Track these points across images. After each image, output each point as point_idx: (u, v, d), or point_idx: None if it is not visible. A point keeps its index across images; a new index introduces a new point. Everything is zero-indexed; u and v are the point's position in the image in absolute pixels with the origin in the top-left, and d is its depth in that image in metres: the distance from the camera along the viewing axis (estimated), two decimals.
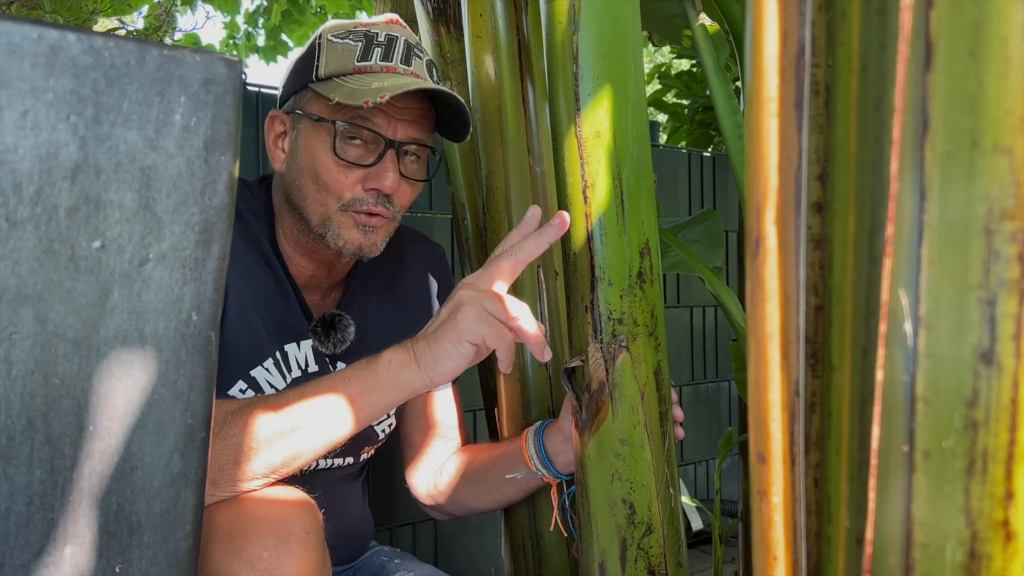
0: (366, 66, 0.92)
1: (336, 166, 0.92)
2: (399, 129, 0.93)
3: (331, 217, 0.93)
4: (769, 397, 0.38)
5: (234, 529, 0.71)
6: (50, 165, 0.48)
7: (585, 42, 0.79)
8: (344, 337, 0.99)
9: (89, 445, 0.51)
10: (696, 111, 2.83)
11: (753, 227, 0.38)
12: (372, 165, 0.92)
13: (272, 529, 0.71)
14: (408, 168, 0.96)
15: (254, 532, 0.70)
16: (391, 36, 0.95)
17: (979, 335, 0.31)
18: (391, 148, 0.92)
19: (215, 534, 0.71)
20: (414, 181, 0.97)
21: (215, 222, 0.54)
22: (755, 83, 0.37)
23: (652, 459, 0.83)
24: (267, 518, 0.72)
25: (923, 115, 0.31)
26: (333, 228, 0.93)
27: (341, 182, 0.92)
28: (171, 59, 0.52)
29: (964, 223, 0.30)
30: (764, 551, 0.40)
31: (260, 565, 0.69)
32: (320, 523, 0.76)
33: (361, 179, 0.93)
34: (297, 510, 0.74)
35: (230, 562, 0.69)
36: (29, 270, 0.48)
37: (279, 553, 0.70)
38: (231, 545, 0.70)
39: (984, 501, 0.31)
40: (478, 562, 1.88)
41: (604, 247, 0.81)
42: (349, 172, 0.92)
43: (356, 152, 0.93)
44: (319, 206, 0.93)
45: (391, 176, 0.92)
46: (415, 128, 0.94)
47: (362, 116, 0.91)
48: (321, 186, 0.93)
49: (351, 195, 0.93)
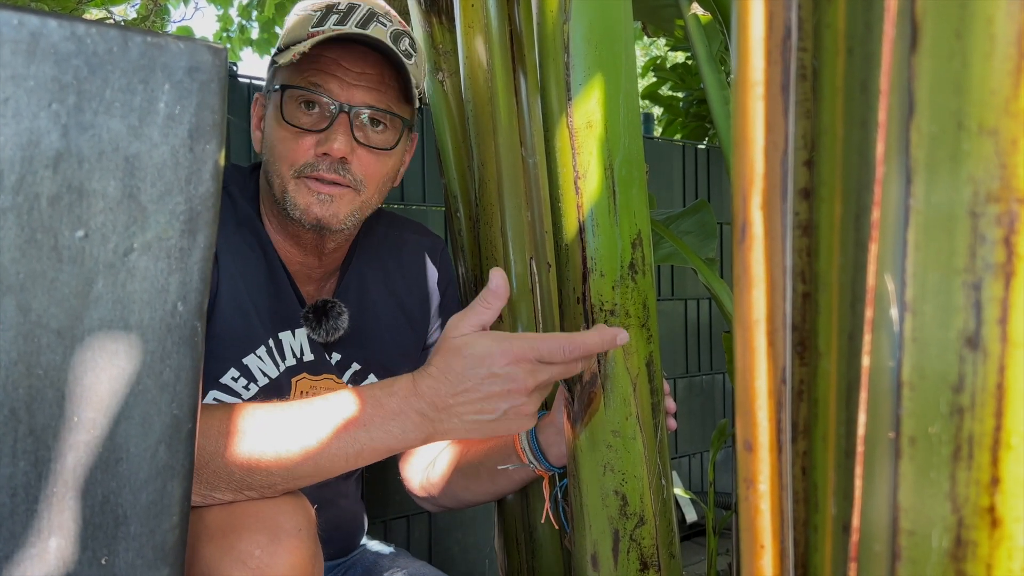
0: (318, 31, 0.91)
1: (288, 133, 0.91)
2: (354, 94, 0.91)
3: (287, 186, 0.92)
4: (756, 385, 0.38)
5: (225, 526, 0.70)
6: (32, 153, 0.47)
7: (576, 32, 0.79)
8: (337, 325, 0.98)
9: (74, 436, 0.50)
10: (691, 104, 2.82)
11: (739, 213, 0.37)
12: (323, 130, 0.91)
13: (264, 526, 0.70)
14: (369, 136, 0.93)
15: (246, 529, 0.70)
16: (352, 4, 0.94)
17: (965, 320, 0.30)
18: (344, 112, 0.91)
19: (205, 531, 0.70)
20: (376, 149, 0.94)
21: (201, 211, 0.54)
22: (741, 67, 0.37)
23: (644, 450, 0.82)
24: (258, 515, 0.72)
25: (909, 97, 0.30)
26: (290, 197, 0.92)
27: (293, 148, 0.91)
28: (155, 46, 0.51)
29: (950, 206, 0.30)
30: (751, 539, 0.39)
31: (252, 563, 0.68)
32: (312, 519, 0.76)
33: (313, 145, 0.91)
34: (289, 506, 0.73)
35: (221, 560, 0.68)
36: (11, 260, 0.47)
37: (271, 550, 0.69)
38: (222, 542, 0.69)
39: (970, 487, 0.31)
40: (472, 554, 1.89)
41: (596, 238, 0.80)
42: (301, 138, 0.91)
43: (309, 119, 0.92)
44: (277, 177, 0.93)
45: (340, 139, 0.90)
46: (373, 95, 0.93)
47: (313, 82, 0.91)
48: (277, 156, 0.92)
49: (303, 160, 0.91)
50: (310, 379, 0.99)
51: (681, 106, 2.89)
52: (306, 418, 0.74)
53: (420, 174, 1.81)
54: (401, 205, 1.79)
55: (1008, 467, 0.30)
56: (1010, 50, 0.29)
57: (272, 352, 0.95)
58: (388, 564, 1.09)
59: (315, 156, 0.91)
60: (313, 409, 0.74)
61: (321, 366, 1.00)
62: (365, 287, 1.05)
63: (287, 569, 0.69)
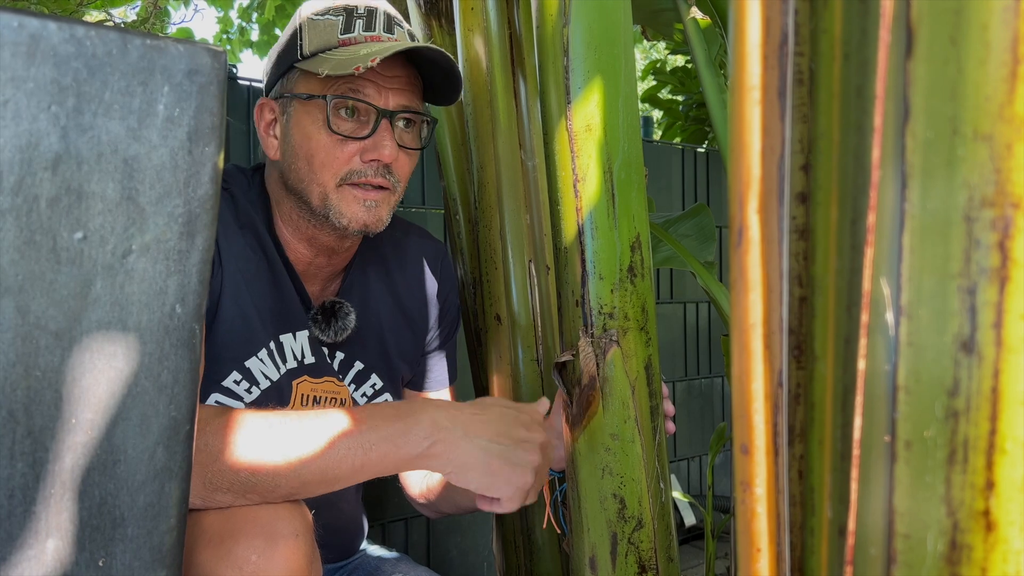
0: (350, 37, 0.92)
1: (331, 141, 0.91)
2: (390, 98, 0.93)
3: (330, 195, 0.92)
4: (752, 388, 0.38)
5: (222, 531, 0.70)
6: (31, 155, 0.47)
7: (576, 35, 0.79)
8: (345, 325, 0.98)
9: (71, 438, 0.50)
10: (691, 107, 2.82)
11: (736, 217, 0.37)
12: (367, 137, 0.91)
13: (260, 531, 0.70)
14: (403, 137, 0.95)
15: (242, 534, 0.70)
16: (370, 8, 0.95)
17: (960, 324, 0.31)
18: (385, 117, 0.91)
19: (203, 536, 0.70)
20: (410, 150, 0.96)
21: (199, 214, 0.54)
22: (738, 71, 0.37)
23: (643, 453, 0.82)
24: (255, 519, 0.71)
25: (904, 102, 0.30)
26: (334, 206, 0.92)
27: (337, 156, 0.91)
28: (154, 49, 0.51)
29: (945, 211, 0.30)
30: (747, 543, 0.39)
31: (248, 567, 0.68)
32: (310, 524, 0.76)
33: (358, 152, 0.92)
34: (286, 511, 0.73)
35: (218, 564, 0.68)
36: (10, 261, 0.47)
37: (267, 555, 0.69)
38: (219, 547, 0.69)
39: (965, 491, 0.31)
40: (471, 558, 1.88)
41: (595, 241, 0.80)
42: (345, 146, 0.91)
43: (350, 126, 0.92)
44: (317, 186, 0.92)
45: (389, 145, 0.91)
46: (405, 96, 0.94)
47: (352, 88, 0.91)
48: (317, 165, 0.92)
49: (348, 168, 0.92)
50: (311, 381, 0.99)
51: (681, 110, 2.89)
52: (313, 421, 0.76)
53: (419, 177, 1.81)
54: (400, 208, 1.80)
55: (1003, 471, 0.30)
56: (1005, 56, 0.29)
57: (273, 354, 0.95)
58: (390, 569, 1.09)
59: (362, 163, 0.92)
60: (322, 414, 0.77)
61: (323, 369, 1.00)
62: (368, 287, 1.05)
63: (284, 574, 0.69)
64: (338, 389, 1.01)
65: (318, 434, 0.75)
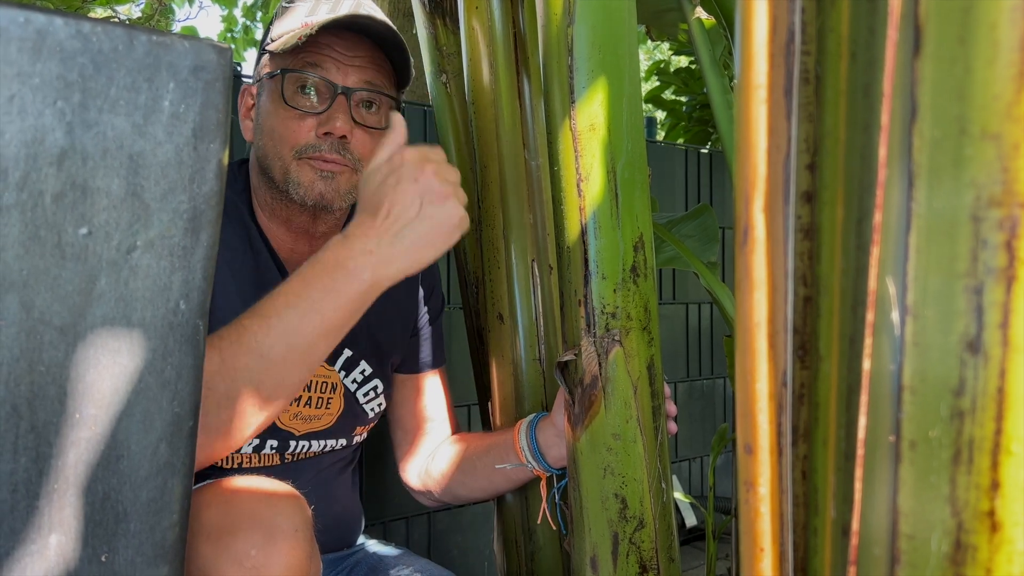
0: (312, 19, 0.94)
1: (288, 115, 0.94)
2: (350, 75, 0.95)
3: (289, 168, 0.94)
4: (756, 388, 0.38)
5: (221, 525, 0.70)
6: (36, 151, 0.47)
7: (580, 35, 0.79)
8: None
9: (75, 433, 0.50)
10: (694, 108, 2.82)
11: (741, 216, 0.37)
12: (323, 112, 0.94)
13: (260, 526, 0.70)
14: (364, 116, 0.97)
15: (242, 529, 0.70)
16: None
17: (966, 324, 0.30)
18: (341, 94, 0.94)
19: (202, 531, 0.70)
20: (372, 129, 0.97)
21: (204, 210, 0.54)
22: (744, 70, 0.37)
23: (644, 453, 0.82)
24: (255, 514, 0.72)
25: (911, 101, 0.30)
26: (293, 178, 0.94)
27: (294, 130, 0.94)
28: (160, 45, 0.51)
29: (952, 211, 0.30)
30: (751, 542, 0.39)
31: (248, 563, 0.68)
32: (309, 518, 0.76)
33: (314, 126, 0.94)
34: (286, 505, 0.74)
35: (218, 559, 0.68)
36: (15, 256, 0.47)
37: (267, 550, 0.69)
38: (218, 542, 0.69)
39: (970, 491, 0.31)
40: (471, 557, 1.88)
41: (598, 241, 0.80)
42: (302, 120, 0.94)
43: (307, 102, 0.94)
44: (277, 160, 0.95)
45: (341, 118, 0.93)
46: (367, 73, 0.96)
47: (310, 64, 0.94)
48: (277, 139, 0.94)
49: (304, 141, 0.94)
50: None
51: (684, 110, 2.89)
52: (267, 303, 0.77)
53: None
54: None
55: (1008, 471, 0.30)
56: (1013, 56, 0.29)
57: None
58: (393, 562, 1.10)
59: (316, 137, 0.94)
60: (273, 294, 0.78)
61: None
62: None
63: (283, 569, 0.69)
64: (328, 373, 1.02)
65: (266, 317, 0.76)
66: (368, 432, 1.13)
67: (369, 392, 1.07)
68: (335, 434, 1.05)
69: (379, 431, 1.27)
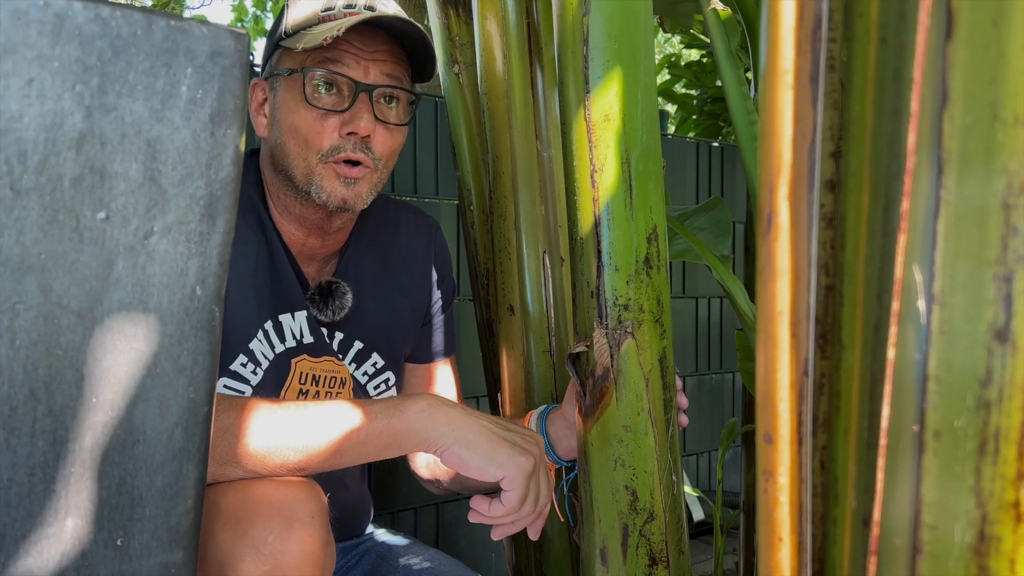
0: (330, 14, 0.93)
1: (312, 115, 0.93)
2: (370, 71, 0.94)
3: (313, 170, 0.93)
4: (778, 376, 0.38)
5: (239, 512, 0.71)
6: (55, 134, 0.47)
7: (596, 24, 0.78)
8: (342, 304, 1.00)
9: (92, 417, 0.50)
10: (705, 101, 2.81)
11: (765, 203, 0.37)
12: (346, 110, 0.93)
13: (277, 512, 0.71)
14: (385, 113, 0.96)
15: (259, 515, 0.70)
16: None
17: (995, 312, 0.30)
18: (363, 91, 0.93)
19: (220, 516, 0.71)
20: (392, 126, 0.96)
21: (220, 196, 0.54)
22: (770, 56, 0.36)
23: (655, 446, 0.82)
24: (272, 501, 0.72)
25: (943, 87, 0.30)
26: (316, 182, 0.93)
27: (319, 131, 0.93)
28: (178, 30, 0.51)
29: (982, 198, 0.30)
30: (769, 532, 0.39)
31: (265, 549, 0.68)
32: (325, 506, 0.76)
33: (338, 126, 0.93)
34: (303, 493, 0.74)
35: (235, 545, 0.69)
36: (33, 240, 0.47)
37: (284, 537, 0.69)
38: (236, 528, 0.69)
39: (995, 482, 0.30)
40: (479, 548, 1.89)
41: (611, 232, 0.80)
42: (326, 120, 0.93)
43: (330, 100, 0.93)
44: (301, 161, 0.94)
45: (365, 118, 0.92)
46: (388, 67, 0.95)
47: (331, 60, 0.92)
48: (300, 140, 0.93)
49: (330, 143, 0.93)
50: (310, 361, 0.99)
51: (695, 104, 2.88)
52: (318, 404, 0.79)
53: (434, 167, 1.81)
54: (414, 198, 1.80)
55: None
56: None
57: (269, 334, 0.96)
58: (403, 552, 1.10)
59: (340, 137, 0.93)
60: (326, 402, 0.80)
61: (321, 348, 1.00)
62: (363, 267, 1.06)
63: (300, 557, 0.69)
64: (337, 368, 1.02)
65: (323, 408, 0.78)
66: None
67: (380, 385, 1.07)
68: None
69: None
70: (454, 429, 0.78)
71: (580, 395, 0.85)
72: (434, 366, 1.15)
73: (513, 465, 0.79)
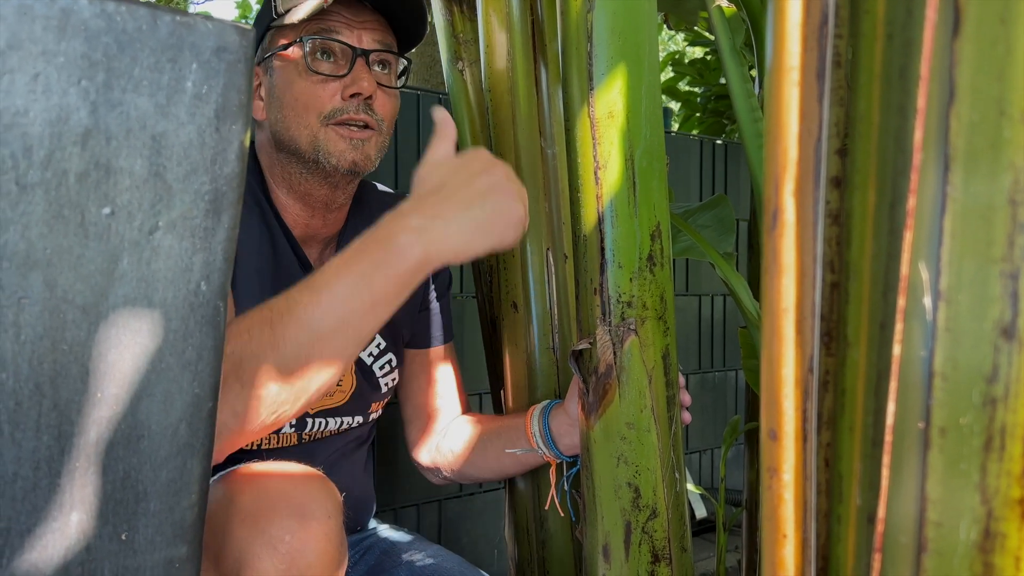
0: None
1: (312, 82, 0.94)
2: (363, 37, 0.96)
3: (317, 135, 0.95)
4: (782, 373, 0.38)
5: (256, 509, 0.71)
6: (60, 130, 0.47)
7: (600, 21, 0.78)
8: None
9: (96, 412, 0.50)
10: (709, 99, 2.81)
11: (771, 200, 0.37)
12: (346, 75, 0.95)
13: (294, 511, 0.71)
14: (380, 77, 0.99)
15: (276, 514, 0.70)
16: None
17: (1001, 309, 0.30)
18: (360, 56, 0.95)
19: (237, 514, 0.71)
20: (389, 88, 0.99)
21: (225, 192, 0.54)
22: (776, 52, 0.36)
23: (658, 443, 0.82)
24: (289, 499, 0.72)
25: (949, 83, 0.30)
26: (323, 146, 0.94)
27: (319, 95, 0.94)
28: (183, 26, 0.51)
29: (988, 194, 0.30)
30: (773, 529, 0.39)
31: (282, 547, 0.69)
32: (340, 504, 0.76)
33: (339, 90, 0.95)
34: (319, 491, 0.74)
35: (252, 543, 0.69)
36: (38, 235, 0.47)
37: (301, 536, 0.70)
38: (253, 526, 0.70)
39: (1001, 479, 0.30)
40: (481, 544, 1.89)
41: (615, 229, 0.80)
42: (326, 85, 0.94)
43: (329, 66, 0.96)
44: (304, 129, 0.95)
45: (367, 78, 0.94)
46: (378, 34, 0.98)
47: (325, 30, 0.95)
48: (301, 107, 0.95)
49: (331, 105, 0.95)
50: None
51: (699, 101, 2.87)
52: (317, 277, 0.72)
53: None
54: None
55: None
56: None
57: None
58: (406, 547, 1.10)
59: (342, 100, 0.95)
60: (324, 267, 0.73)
61: None
62: None
63: (316, 556, 0.70)
64: None
65: (317, 290, 0.72)
66: (382, 408, 1.13)
67: (384, 366, 1.08)
68: (351, 411, 1.06)
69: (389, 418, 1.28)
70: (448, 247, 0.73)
71: (583, 392, 0.85)
72: (433, 351, 1.16)
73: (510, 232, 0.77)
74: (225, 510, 0.71)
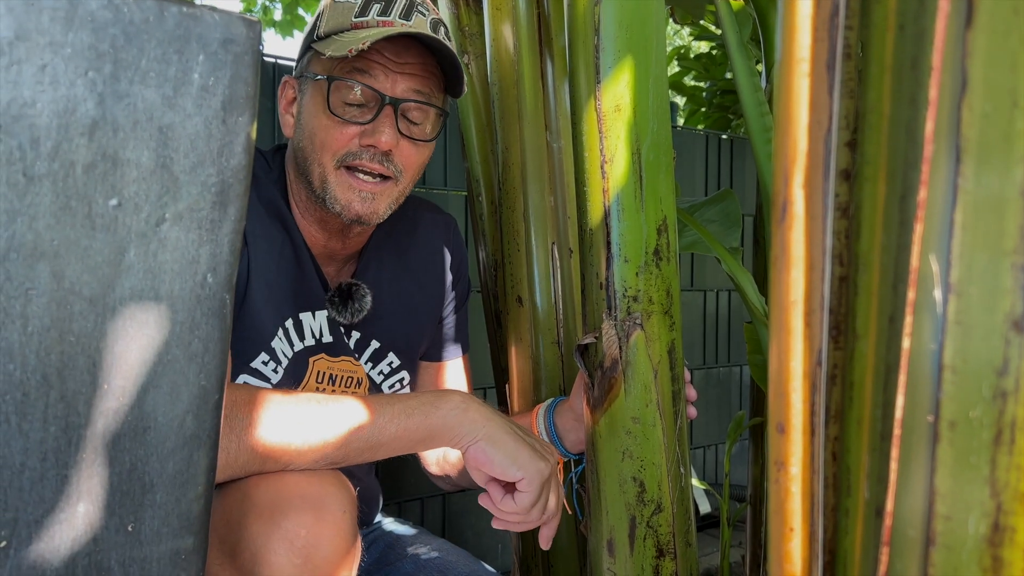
0: (362, 21, 0.91)
1: (331, 122, 0.90)
2: (398, 84, 0.91)
3: (328, 176, 0.91)
4: (791, 366, 0.38)
5: (272, 504, 0.71)
6: (68, 121, 0.47)
7: (607, 14, 0.78)
8: (361, 306, 0.99)
9: (103, 403, 0.51)
10: (714, 94, 2.80)
11: (780, 192, 0.37)
12: (369, 123, 0.90)
13: (310, 506, 0.71)
14: (410, 129, 0.93)
15: (292, 509, 0.71)
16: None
17: (1012, 302, 0.30)
18: (388, 104, 0.90)
19: (253, 509, 0.71)
20: (418, 141, 0.94)
21: (232, 183, 0.54)
22: (787, 43, 0.36)
23: (663, 438, 0.82)
24: (305, 494, 0.72)
25: (962, 74, 0.30)
26: (331, 189, 0.91)
27: (336, 137, 0.90)
28: (190, 17, 0.51)
29: (1000, 186, 0.30)
30: (780, 522, 0.39)
31: (298, 542, 0.69)
32: (354, 499, 0.77)
33: (357, 135, 0.91)
34: (334, 488, 0.74)
35: (269, 538, 0.69)
36: (46, 226, 0.47)
37: (316, 531, 0.70)
38: (269, 521, 0.70)
39: (1011, 472, 0.30)
40: (485, 538, 1.89)
41: (621, 223, 0.80)
42: (344, 128, 0.90)
43: (353, 110, 0.91)
44: (317, 166, 0.92)
45: (387, 132, 0.89)
46: (416, 82, 0.92)
47: (359, 71, 0.90)
48: (317, 144, 0.91)
49: (345, 149, 0.90)
50: (328, 360, 1.00)
51: (704, 96, 2.86)
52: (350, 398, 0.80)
53: (442, 158, 1.81)
54: (423, 189, 1.79)
55: None
56: None
57: (289, 332, 0.96)
58: (410, 541, 1.10)
59: (359, 146, 0.91)
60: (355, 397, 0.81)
61: (340, 348, 1.00)
62: (383, 267, 1.05)
63: (331, 551, 0.70)
64: (355, 368, 1.02)
65: (361, 403, 0.78)
66: None
67: (395, 384, 1.08)
68: None
69: None
70: (484, 427, 0.79)
71: (588, 387, 0.85)
72: (447, 364, 1.15)
73: (533, 468, 0.79)
74: (241, 505, 0.72)
